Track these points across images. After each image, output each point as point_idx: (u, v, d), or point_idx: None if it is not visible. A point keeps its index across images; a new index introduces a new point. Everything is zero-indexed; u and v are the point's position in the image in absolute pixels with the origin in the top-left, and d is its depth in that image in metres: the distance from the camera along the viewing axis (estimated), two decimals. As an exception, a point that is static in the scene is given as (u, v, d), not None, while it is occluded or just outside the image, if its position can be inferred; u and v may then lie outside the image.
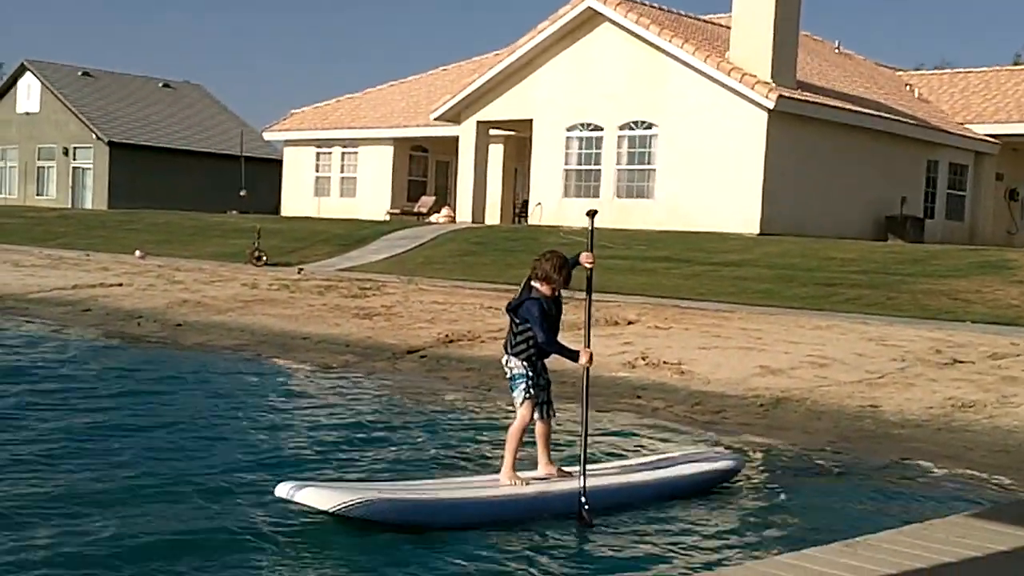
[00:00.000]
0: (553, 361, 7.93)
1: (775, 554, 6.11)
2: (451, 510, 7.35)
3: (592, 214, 8.28)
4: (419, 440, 10.11)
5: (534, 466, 8.09)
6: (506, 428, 8.10)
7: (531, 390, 7.78)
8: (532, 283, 7.80)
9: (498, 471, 7.91)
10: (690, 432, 10.86)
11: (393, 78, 46.87)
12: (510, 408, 11.23)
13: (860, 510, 8.03)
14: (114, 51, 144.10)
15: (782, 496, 8.41)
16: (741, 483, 8.67)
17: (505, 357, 7.92)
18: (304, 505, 7.06)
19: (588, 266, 7.88)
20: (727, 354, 13.83)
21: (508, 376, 7.90)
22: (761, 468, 9.42)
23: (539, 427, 7.96)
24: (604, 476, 8.12)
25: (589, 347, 7.84)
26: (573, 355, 7.77)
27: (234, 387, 12.80)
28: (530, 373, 7.78)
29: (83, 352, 15.29)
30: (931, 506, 8.09)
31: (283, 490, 7.16)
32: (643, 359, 13.67)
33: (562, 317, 7.95)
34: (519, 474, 7.79)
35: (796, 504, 8.18)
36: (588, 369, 7.86)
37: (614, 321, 16.25)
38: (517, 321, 7.80)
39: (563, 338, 7.89)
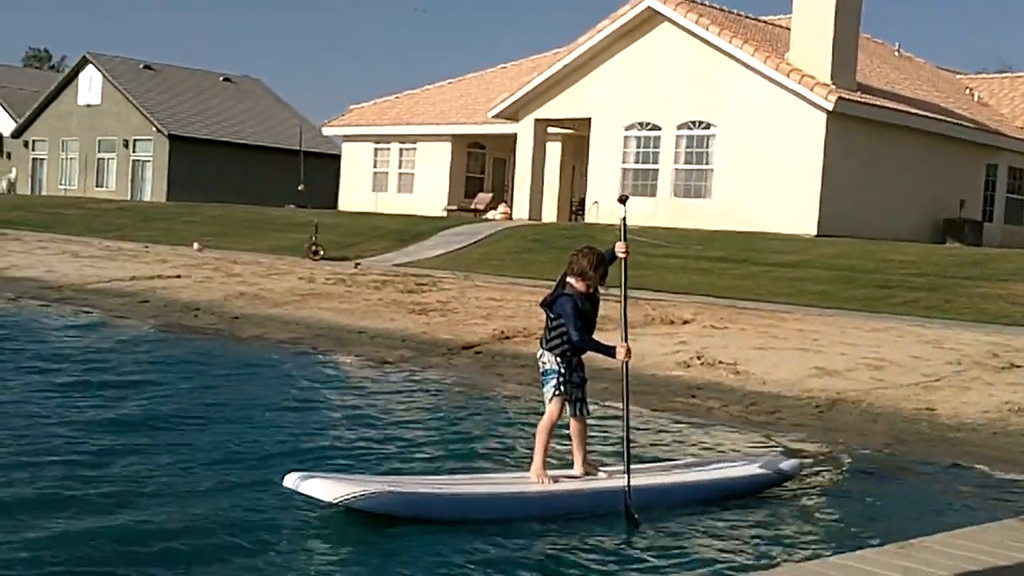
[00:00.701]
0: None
1: (828, 555, 6.13)
2: (458, 505, 7.32)
3: (624, 200, 8.21)
4: (472, 434, 10.19)
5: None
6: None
7: (561, 387, 7.69)
8: (568, 279, 7.73)
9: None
10: (748, 432, 10.85)
11: (452, 76, 46.96)
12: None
13: (914, 512, 8.01)
14: (175, 46, 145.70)
15: (836, 497, 8.42)
16: (795, 484, 8.67)
17: (540, 352, 7.87)
18: (309, 496, 7.07)
19: (622, 255, 7.82)
20: (783, 355, 13.80)
21: (541, 371, 7.83)
22: (816, 469, 9.41)
23: (573, 425, 7.89)
24: (650, 476, 8.02)
25: (626, 342, 7.75)
26: (609, 351, 7.67)
27: (287, 378, 12.96)
28: (562, 369, 7.69)
29: (137, 342, 15.55)
30: (986, 510, 8.06)
31: (290, 481, 7.15)
32: (698, 359, 13.67)
33: (599, 313, 7.88)
34: (549, 472, 7.75)
35: (850, 506, 8.18)
36: (627, 364, 7.77)
37: (669, 320, 16.26)
38: (551, 316, 7.75)
39: (603, 336, 7.85)
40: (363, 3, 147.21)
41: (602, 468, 8.05)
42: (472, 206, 37.72)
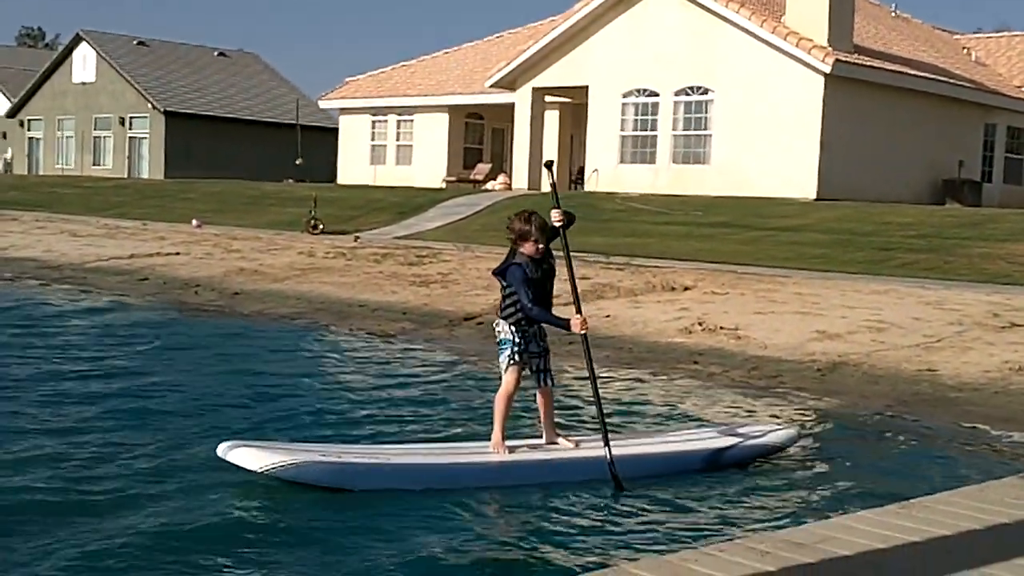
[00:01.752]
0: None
1: (830, 516, 6.17)
2: (399, 474, 7.25)
3: (549, 165, 8.24)
4: (474, 404, 10.20)
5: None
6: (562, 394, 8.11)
7: (516, 356, 7.61)
8: (515, 248, 7.67)
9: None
10: (748, 398, 10.88)
11: (448, 46, 46.82)
12: (566, 372, 11.35)
13: (916, 473, 8.04)
14: (168, 19, 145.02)
15: (837, 460, 8.44)
16: (798, 447, 8.70)
17: (496, 320, 7.82)
18: (237, 465, 7.03)
19: (558, 223, 7.71)
20: (784, 319, 13.83)
21: (496, 340, 7.75)
22: (817, 432, 9.45)
23: (538, 397, 7.87)
24: (634, 446, 8.01)
25: (581, 314, 7.64)
26: (563, 323, 7.55)
27: (284, 351, 12.99)
28: (516, 339, 7.60)
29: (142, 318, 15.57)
30: (987, 468, 8.09)
31: (221, 449, 7.13)
32: (700, 324, 13.69)
33: (554, 282, 7.76)
34: (508, 443, 7.70)
35: (852, 467, 8.21)
36: (586, 336, 7.66)
37: (671, 287, 16.28)
38: (504, 285, 7.67)
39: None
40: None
41: (570, 438, 7.98)
42: (471, 177, 37.67)
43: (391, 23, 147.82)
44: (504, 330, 7.67)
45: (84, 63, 56.97)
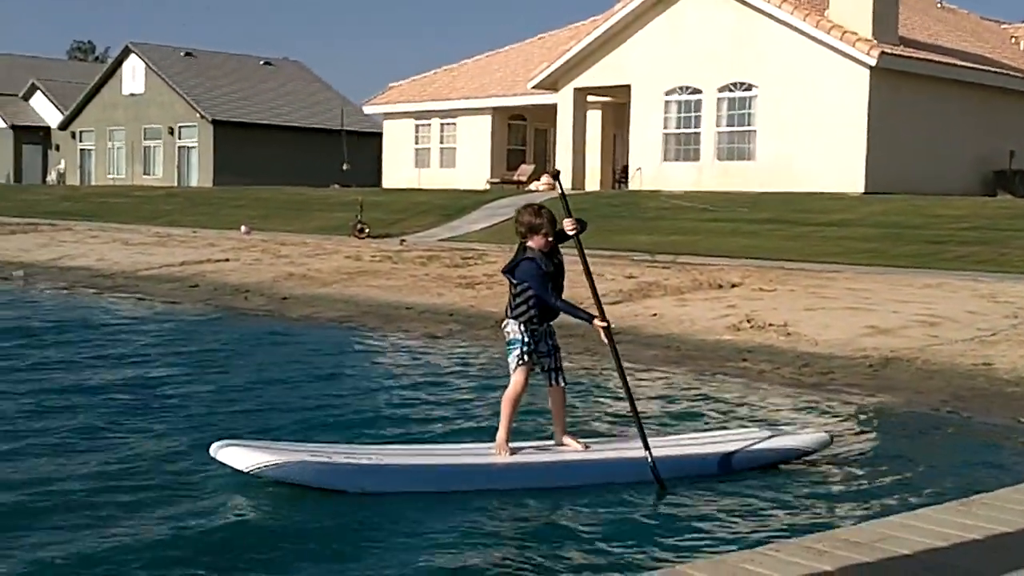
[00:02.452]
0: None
1: (888, 515, 6.07)
2: (388, 475, 7.10)
3: (556, 175, 8.16)
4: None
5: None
6: (606, 396, 8.04)
7: (525, 356, 7.44)
8: (525, 243, 7.50)
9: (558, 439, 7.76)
10: (799, 395, 10.76)
11: (489, 48, 46.84)
12: (609, 373, 11.28)
13: (974, 469, 7.91)
14: (214, 31, 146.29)
15: (894, 457, 8.32)
16: (853, 444, 8.58)
17: (504, 321, 7.62)
18: (225, 464, 6.97)
19: (571, 232, 7.52)
20: (834, 315, 13.68)
21: (506, 341, 7.60)
22: (871, 429, 9.33)
23: (550, 397, 7.68)
24: (640, 449, 7.54)
25: (605, 320, 7.51)
26: (587, 316, 7.46)
27: (329, 354, 13.02)
28: (525, 338, 7.44)
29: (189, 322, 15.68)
30: (1048, 464, 7.95)
31: (212, 449, 7.08)
32: (748, 322, 13.57)
33: (564, 281, 7.59)
34: (512, 444, 7.51)
35: (909, 464, 8.08)
36: (612, 341, 7.52)
37: (718, 284, 16.16)
38: (515, 283, 7.49)
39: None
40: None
41: (580, 440, 7.74)
42: (515, 178, 37.66)
43: (433, 27, 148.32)
44: (513, 330, 7.51)
45: (133, 75, 57.58)
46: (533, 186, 35.78)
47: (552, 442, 7.78)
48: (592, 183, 34.46)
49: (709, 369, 11.89)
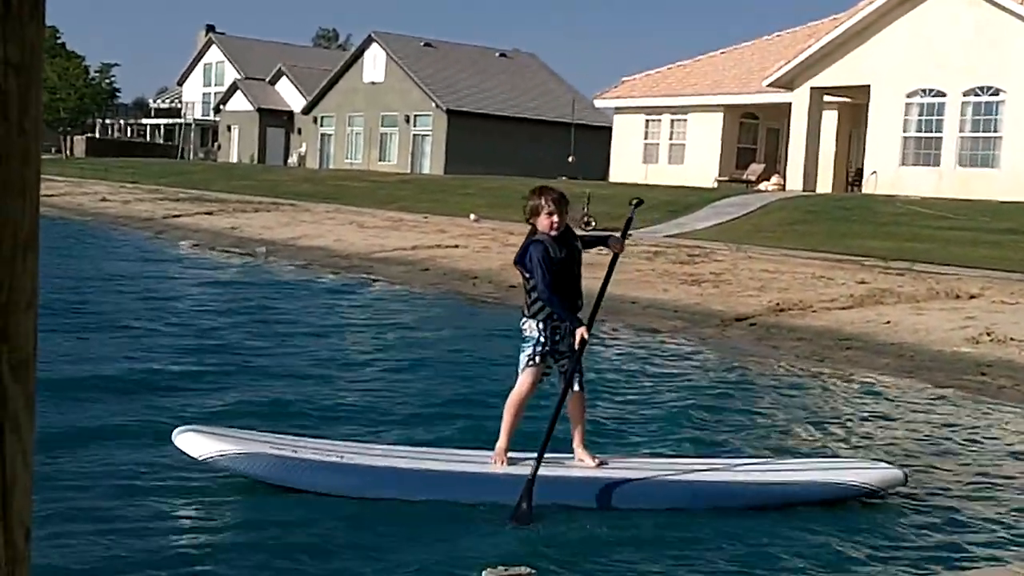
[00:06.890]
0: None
1: None
2: (354, 477, 6.57)
3: (639, 203, 7.65)
4: (720, 407, 10.07)
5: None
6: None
7: (537, 356, 6.75)
8: (534, 227, 6.86)
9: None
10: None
11: (724, 45, 46.36)
12: (848, 379, 11.04)
13: None
14: (451, 20, 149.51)
15: None
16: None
17: (522, 320, 6.89)
18: (180, 450, 6.63)
19: (616, 250, 7.20)
20: (1082, 332, 13.02)
21: (522, 338, 6.88)
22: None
23: (568, 404, 6.81)
24: (641, 470, 6.98)
25: (590, 329, 6.78)
26: (573, 321, 6.74)
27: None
28: (542, 337, 6.74)
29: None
30: None
31: (173, 434, 6.73)
32: (988, 335, 13.05)
33: (581, 269, 6.99)
34: (512, 454, 6.82)
35: None
36: (581, 349, 6.76)
37: (955, 294, 15.61)
38: (527, 276, 6.78)
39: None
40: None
41: (597, 457, 7.00)
42: (744, 177, 37.21)
43: (666, 24, 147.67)
44: (530, 328, 6.80)
45: (374, 63, 59.30)
46: (763, 186, 35.28)
47: (565, 454, 6.95)
48: (824, 185, 33.73)
49: (944, 382, 11.51)
